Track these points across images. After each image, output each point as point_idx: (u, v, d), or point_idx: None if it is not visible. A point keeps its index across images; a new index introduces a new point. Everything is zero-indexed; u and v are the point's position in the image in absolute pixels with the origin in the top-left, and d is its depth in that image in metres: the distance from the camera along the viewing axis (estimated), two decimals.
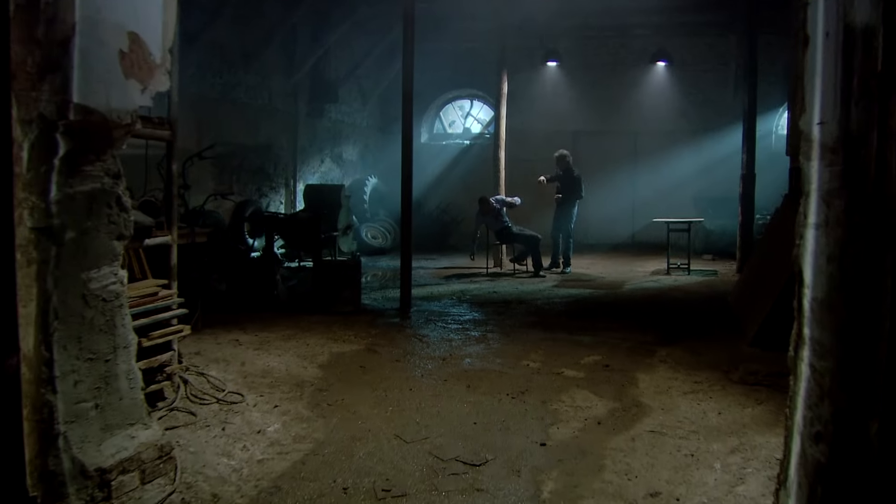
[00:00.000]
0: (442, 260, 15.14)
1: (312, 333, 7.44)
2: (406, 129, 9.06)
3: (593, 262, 14.57)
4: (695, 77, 17.46)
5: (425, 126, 19.47)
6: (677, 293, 10.49)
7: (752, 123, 12.74)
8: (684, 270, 12.81)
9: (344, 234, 13.76)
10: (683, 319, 8.55)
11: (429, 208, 18.57)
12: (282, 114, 14.73)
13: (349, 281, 8.54)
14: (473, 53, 18.22)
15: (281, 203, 14.92)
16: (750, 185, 12.62)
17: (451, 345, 7.08)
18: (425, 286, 11.16)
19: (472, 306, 9.32)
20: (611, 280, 11.96)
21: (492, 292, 10.47)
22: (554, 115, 18.08)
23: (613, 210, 17.80)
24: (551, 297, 10.09)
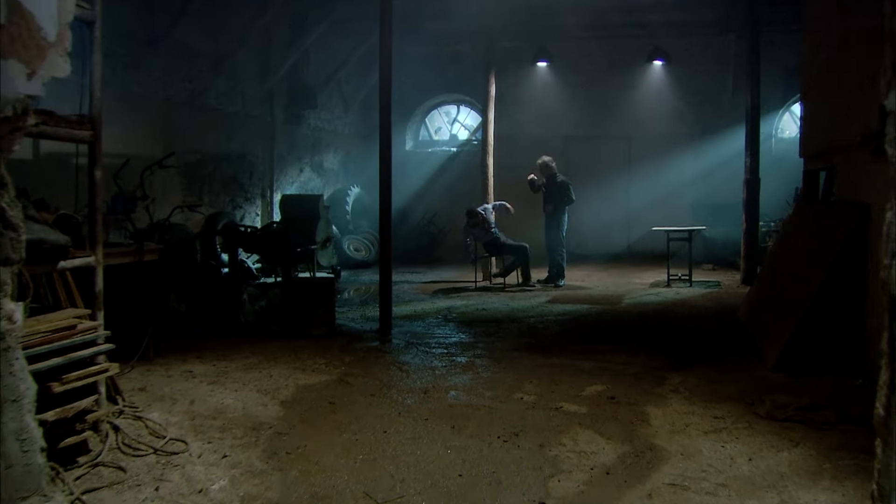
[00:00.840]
0: (428, 273, 14.32)
1: (278, 362, 6.60)
2: (384, 138, 8.30)
3: (588, 274, 13.78)
4: (691, 78, 16.71)
5: (410, 133, 18.67)
6: (681, 308, 9.70)
7: (756, 125, 12.00)
8: (685, 282, 12.03)
9: (323, 247, 12.95)
10: (692, 339, 7.75)
11: (414, 219, 17.76)
12: (256, 120, 13.90)
13: (322, 300, 7.70)
14: (460, 56, 17.46)
15: (257, 215, 14.08)
16: (754, 191, 11.87)
17: (434, 374, 6.26)
18: (409, 303, 10.34)
19: (458, 326, 8.50)
20: (608, 294, 11.16)
21: (481, 309, 9.66)
22: (545, 120, 17.31)
23: (607, 218, 17.04)
24: (545, 314, 9.28)
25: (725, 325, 8.38)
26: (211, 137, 12.59)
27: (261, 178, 14.12)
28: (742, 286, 11.77)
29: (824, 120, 7.37)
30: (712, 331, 8.15)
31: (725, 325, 8.43)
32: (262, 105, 14.10)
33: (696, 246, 12.32)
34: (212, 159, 12.60)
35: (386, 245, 8.24)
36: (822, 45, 7.45)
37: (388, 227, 8.24)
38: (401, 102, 17.93)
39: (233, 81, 13.09)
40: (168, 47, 11.30)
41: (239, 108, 13.37)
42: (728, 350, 7.14)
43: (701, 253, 14.21)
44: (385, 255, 8.22)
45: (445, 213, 17.20)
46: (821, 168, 8.01)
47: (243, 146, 13.55)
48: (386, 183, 8.18)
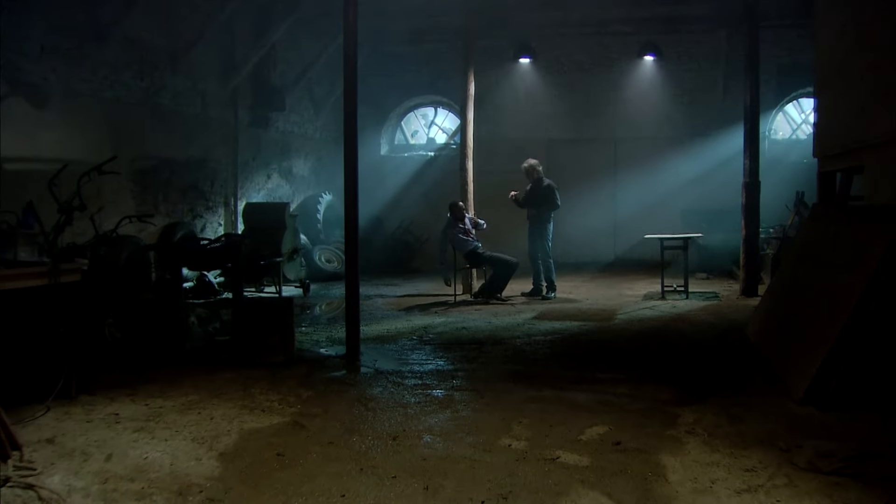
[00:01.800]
0: (404, 286, 13.38)
1: (223, 399, 5.62)
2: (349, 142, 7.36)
3: (575, 286, 12.89)
4: (680, 77, 15.90)
5: (385, 137, 17.73)
6: (681, 324, 8.81)
7: (755, 124, 11.16)
8: (681, 294, 11.17)
9: (290, 259, 11.99)
10: (700, 363, 6.85)
11: (389, 227, 16.82)
12: (218, 123, 12.91)
13: (278, 324, 6.73)
14: (437, 56, 16.58)
15: (220, 224, 13.08)
16: (754, 195, 11.04)
17: (406, 412, 5.31)
18: (381, 321, 9.40)
19: (436, 349, 7.55)
20: (599, 308, 10.27)
21: (460, 328, 8.72)
22: (527, 122, 16.44)
23: (594, 225, 16.19)
24: (532, 333, 8.36)
25: (734, 345, 7.49)
26: (167, 141, 11.61)
27: (223, 185, 13.13)
28: (742, 298, 10.94)
29: (848, 114, 6.51)
30: (721, 352, 7.26)
31: (734, 344, 7.54)
32: (225, 106, 13.12)
33: (689, 254, 11.48)
34: (168, 165, 11.61)
35: (352, 260, 7.30)
36: (848, 26, 6.59)
37: (354, 241, 7.30)
38: (375, 104, 17.09)
39: (191, 80, 12.10)
40: (117, 41, 10.32)
41: (199, 110, 12.38)
42: (743, 377, 6.25)
43: (694, 261, 13.34)
44: (352, 272, 7.27)
45: (422, 220, 16.30)
46: (841, 169, 7.15)
47: (204, 151, 12.56)
48: (352, 192, 7.25)
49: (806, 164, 15.10)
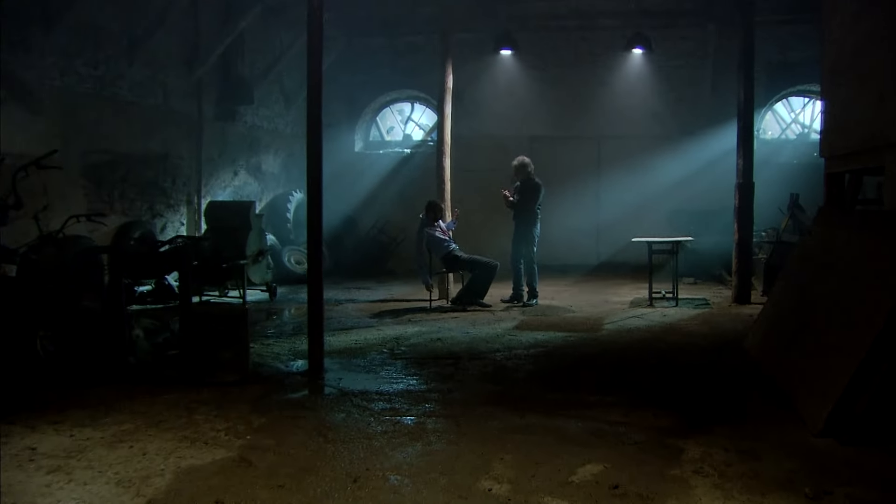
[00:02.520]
0: (377, 290, 12.68)
1: (162, 428, 4.91)
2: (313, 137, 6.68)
3: (558, 290, 12.25)
4: (667, 74, 15.28)
5: (360, 133, 16.99)
6: (674, 336, 8.18)
7: (749, 122, 10.61)
8: (670, 301, 10.57)
9: (255, 261, 11.25)
10: (698, 383, 6.22)
11: (363, 227, 16.10)
12: (181, 116, 12.15)
13: (232, 338, 6.02)
14: (414, 49, 15.88)
15: (182, 224, 12.32)
16: (748, 197, 10.47)
17: (371, 446, 4.62)
18: (350, 330, 8.69)
19: (408, 365, 6.86)
20: (585, 316, 9.63)
21: (435, 339, 8.03)
22: (508, 119, 15.77)
23: (576, 227, 15.54)
24: (514, 345, 7.69)
25: (733, 361, 6.87)
26: (124, 134, 10.86)
27: (186, 182, 12.37)
28: (735, 305, 10.35)
29: (864, 108, 5.89)
30: (719, 369, 6.63)
31: (733, 360, 6.92)
32: (189, 99, 12.36)
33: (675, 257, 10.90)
34: (125, 160, 10.86)
35: (315, 266, 6.61)
36: (863, 12, 5.97)
37: (317, 244, 6.61)
38: (349, 99, 16.40)
39: (151, 70, 11.35)
40: (69, 26, 9.58)
41: (160, 101, 11.62)
42: (748, 400, 5.62)
43: (681, 265, 12.72)
44: (314, 279, 6.57)
45: (398, 220, 15.61)
46: (853, 169, 6.54)
47: (165, 145, 11.81)
48: (315, 191, 6.56)
49: (796, 164, 14.63)
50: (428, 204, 10.79)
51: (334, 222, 15.38)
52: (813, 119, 15.56)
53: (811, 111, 15.57)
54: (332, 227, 15.26)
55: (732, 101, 14.79)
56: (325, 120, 16.17)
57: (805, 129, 15.56)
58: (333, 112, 16.41)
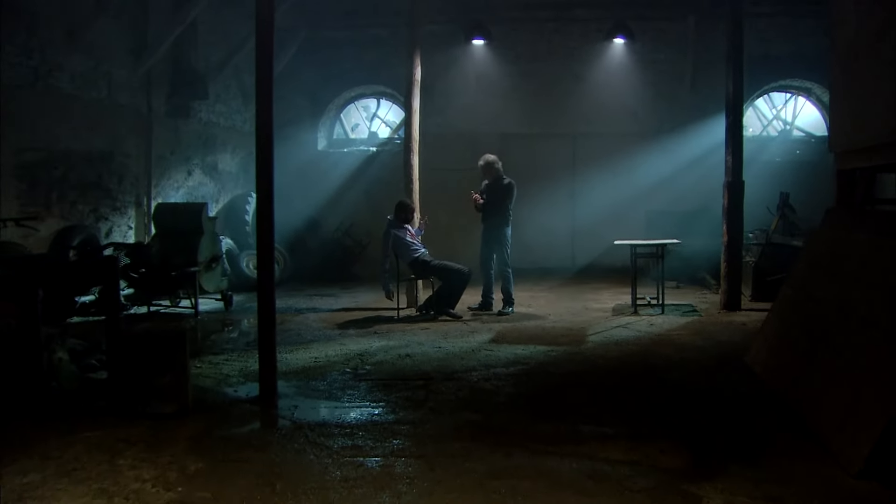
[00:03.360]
0: (341, 297, 11.86)
1: (75, 479, 4.06)
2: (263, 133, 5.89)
3: (533, 296, 11.53)
4: (645, 69, 14.62)
5: (323, 130, 16.12)
6: (666, 349, 7.47)
7: (738, 116, 9.96)
8: (656, 308, 9.89)
9: (208, 268, 10.41)
10: (705, 408, 5.49)
11: (327, 229, 15.25)
12: (128, 111, 11.25)
13: (170, 362, 5.18)
14: (380, 42, 15.08)
15: (130, 228, 11.42)
16: (737, 196, 9.79)
17: (327, 499, 3.84)
18: (310, 345, 7.89)
19: (373, 388, 6.07)
20: (566, 326, 8.89)
21: (404, 356, 7.24)
22: (479, 116, 15.00)
23: (551, 228, 14.86)
24: (491, 362, 6.93)
25: (737, 379, 6.17)
26: (64, 131, 9.95)
27: (135, 182, 11.47)
28: (725, 312, 9.69)
29: (884, 99, 5.20)
30: (724, 390, 5.91)
31: (736, 378, 6.22)
32: (137, 92, 11.47)
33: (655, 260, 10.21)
34: (65, 158, 9.95)
35: (266, 276, 5.81)
36: None
37: (268, 251, 5.82)
38: (311, 95, 15.59)
39: (94, 60, 10.44)
40: None
41: (104, 95, 10.71)
42: (765, 430, 4.90)
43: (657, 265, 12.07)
44: (265, 292, 5.77)
45: (364, 222, 14.79)
46: (870, 166, 5.86)
47: (110, 142, 10.90)
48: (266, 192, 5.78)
49: (780, 162, 14.04)
50: (398, 204, 10.00)
51: (296, 224, 14.59)
52: (795, 115, 15.01)
53: (793, 107, 15.01)
54: (294, 229, 14.47)
55: (712, 97, 14.27)
56: (287, 117, 15.57)
57: (787, 125, 14.99)
58: (295, 108, 15.62)
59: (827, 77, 14.14)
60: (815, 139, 14.90)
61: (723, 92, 14.00)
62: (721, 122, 14.16)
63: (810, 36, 14.21)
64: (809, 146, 14.77)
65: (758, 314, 9.43)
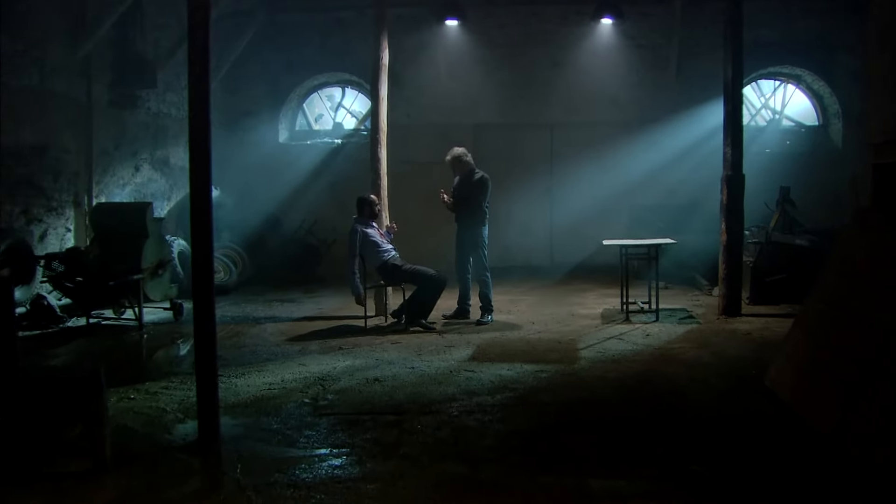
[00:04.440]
0: (305, 302, 10.89)
1: None
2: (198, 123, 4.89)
3: (513, 300, 10.63)
4: (627, 55, 13.75)
5: (284, 121, 15.06)
6: (671, 367, 6.58)
7: (738, 104, 9.10)
8: (649, 314, 9.04)
9: (154, 274, 9.38)
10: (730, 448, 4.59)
11: (289, 227, 14.21)
12: (65, 100, 10.16)
13: (82, 410, 4.18)
14: (345, 26, 14.11)
15: (69, 230, 10.33)
16: (737, 191, 8.94)
17: None
18: (266, 365, 6.90)
19: (336, 427, 5.07)
20: (553, 338, 7.98)
21: (372, 380, 6.27)
22: (451, 105, 14.03)
23: (528, 225, 14.04)
24: (473, 387, 5.99)
25: (761, 407, 5.29)
26: None
27: (73, 179, 10.39)
28: (724, 319, 8.86)
29: None
30: (750, 423, 5.02)
31: (760, 405, 5.34)
32: (75, 80, 10.39)
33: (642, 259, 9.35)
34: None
35: (203, 294, 4.81)
36: None
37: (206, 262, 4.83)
38: (271, 83, 14.54)
39: (23, 43, 9.35)
40: None
41: (35, 82, 9.63)
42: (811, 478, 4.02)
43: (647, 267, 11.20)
44: (203, 317, 4.77)
45: (329, 219, 13.78)
46: None
47: (44, 136, 9.83)
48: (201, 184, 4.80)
49: (769, 154, 13.28)
50: (358, 200, 9.02)
51: (256, 223, 13.57)
52: (784, 104, 14.23)
53: (782, 95, 14.22)
54: (254, 228, 13.45)
55: (699, 85, 13.48)
56: (245, 107, 14.49)
57: (776, 115, 14.20)
58: (254, 98, 14.61)
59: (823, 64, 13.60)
60: (805, 129, 14.18)
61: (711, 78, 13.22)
62: (709, 110, 13.43)
63: (801, 20, 13.48)
64: (800, 136, 14.05)
65: (760, 321, 8.64)
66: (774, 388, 5.58)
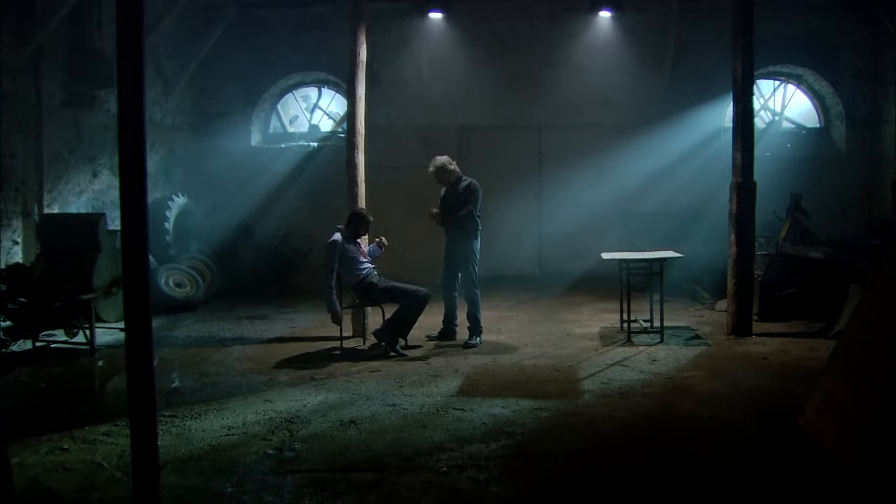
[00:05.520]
0: (277, 319, 10.08)
1: None
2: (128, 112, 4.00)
3: (501, 317, 9.86)
4: (620, 53, 12.99)
5: (257, 123, 14.18)
6: (686, 404, 5.78)
7: (749, 103, 8.34)
8: (652, 335, 8.28)
9: (108, 293, 8.53)
10: None
11: (262, 236, 13.37)
12: (11, 101, 9.25)
13: None
14: (321, 23, 13.32)
15: (15, 243, 9.42)
16: (748, 200, 8.18)
17: None
18: (227, 402, 6.03)
19: (302, 489, 4.22)
20: (549, 364, 7.18)
21: (348, 423, 5.42)
22: (433, 106, 13.27)
23: (515, 232, 13.38)
24: (465, 433, 5.15)
25: (801, 459, 4.52)
26: None
27: (20, 187, 9.49)
28: (734, 339, 8.13)
29: None
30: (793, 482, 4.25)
31: (799, 456, 4.57)
32: (22, 77, 9.51)
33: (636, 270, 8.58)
34: None
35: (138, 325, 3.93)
36: None
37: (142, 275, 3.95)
38: (243, 83, 13.71)
39: None
40: None
41: None
42: None
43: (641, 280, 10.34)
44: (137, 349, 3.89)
45: (304, 227, 13.01)
46: None
47: None
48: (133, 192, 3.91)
49: (770, 157, 12.54)
50: (352, 214, 8.17)
51: (227, 231, 12.75)
52: (784, 105, 13.53)
53: (782, 96, 13.52)
54: (224, 237, 12.64)
55: (695, 85, 12.82)
56: (215, 109, 13.57)
57: (776, 116, 13.48)
58: (225, 99, 13.78)
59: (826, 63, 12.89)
60: (806, 131, 13.49)
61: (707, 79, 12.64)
62: (707, 112, 12.83)
63: (802, 17, 12.80)
64: (801, 139, 13.37)
65: (774, 341, 7.92)
66: (813, 434, 4.80)
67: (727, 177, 8.36)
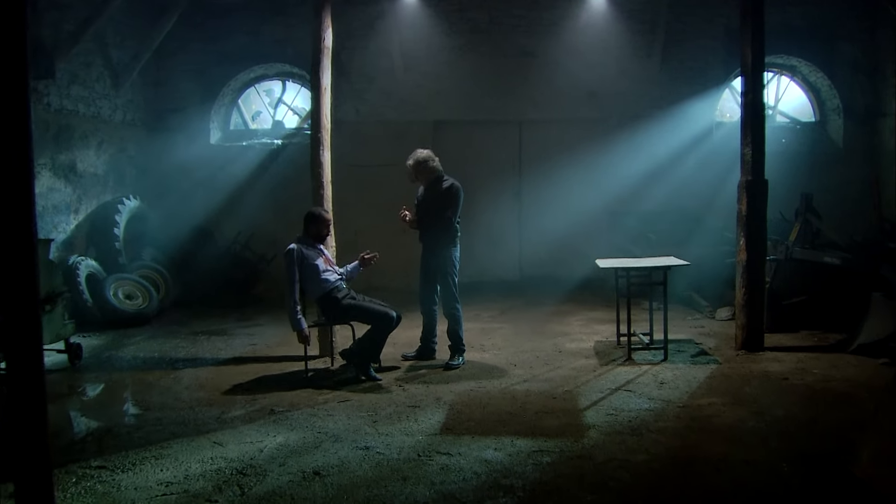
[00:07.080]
0: (237, 335, 9.12)
1: None
2: None
3: (485, 329, 9.00)
4: (605, 42, 12.12)
5: (217, 120, 13.13)
6: (711, 444, 4.92)
7: (759, 94, 7.52)
8: (655, 352, 7.44)
9: (41, 310, 7.46)
10: None
11: (223, 241, 12.36)
12: None
13: None
14: (284, 10, 12.35)
15: None
16: (760, 200, 7.36)
17: None
18: (169, 446, 5.08)
19: None
20: (544, 389, 6.30)
21: (311, 474, 4.50)
22: (406, 100, 12.31)
23: (495, 235, 12.45)
24: (453, 489, 4.25)
25: None
26: None
27: None
28: (745, 354, 7.33)
29: None
30: None
31: None
32: None
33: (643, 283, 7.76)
34: None
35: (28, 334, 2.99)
36: None
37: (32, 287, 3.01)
38: (201, 75, 12.71)
39: None
40: None
41: None
42: None
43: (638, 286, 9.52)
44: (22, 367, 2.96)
45: (268, 231, 12.01)
46: None
47: None
48: None
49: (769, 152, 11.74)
50: (307, 215, 7.21)
51: (184, 236, 11.78)
52: (778, 98, 12.78)
53: (776, 88, 12.76)
54: (180, 243, 11.68)
55: (685, 77, 12.06)
56: (171, 104, 12.36)
57: (769, 110, 12.70)
58: (181, 93, 12.74)
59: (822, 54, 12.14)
60: (801, 126, 12.75)
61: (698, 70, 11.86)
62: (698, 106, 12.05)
63: (797, 5, 12.06)
64: (796, 134, 12.62)
65: (791, 357, 7.14)
66: (879, 488, 3.98)
67: (723, 176, 7.66)
